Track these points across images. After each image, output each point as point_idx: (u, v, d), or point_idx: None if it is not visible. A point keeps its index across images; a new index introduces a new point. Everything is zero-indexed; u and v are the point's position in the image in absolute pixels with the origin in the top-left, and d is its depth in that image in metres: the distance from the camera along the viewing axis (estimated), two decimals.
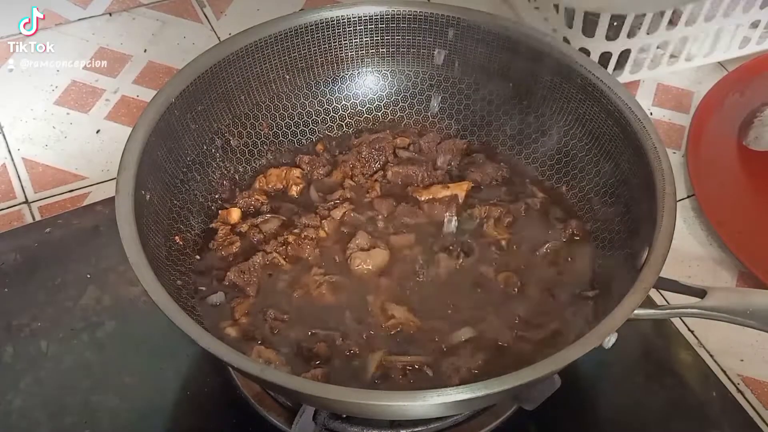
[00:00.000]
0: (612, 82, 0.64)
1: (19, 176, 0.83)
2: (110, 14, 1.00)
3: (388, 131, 0.73)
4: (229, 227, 0.65)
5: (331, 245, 0.65)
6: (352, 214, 0.67)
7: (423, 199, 0.68)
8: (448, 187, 0.69)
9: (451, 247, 0.64)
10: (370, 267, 0.63)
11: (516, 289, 0.62)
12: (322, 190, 0.69)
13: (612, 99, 0.63)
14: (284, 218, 0.66)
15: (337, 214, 0.66)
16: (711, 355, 0.72)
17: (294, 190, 0.69)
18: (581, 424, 0.66)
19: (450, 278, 0.63)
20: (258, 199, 0.68)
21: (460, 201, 0.68)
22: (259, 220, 0.66)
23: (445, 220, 0.66)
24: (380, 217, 0.67)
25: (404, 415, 0.58)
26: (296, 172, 0.70)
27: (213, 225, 0.66)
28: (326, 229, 0.65)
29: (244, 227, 0.65)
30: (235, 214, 0.66)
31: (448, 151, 0.72)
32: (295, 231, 0.65)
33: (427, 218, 0.67)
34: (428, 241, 0.65)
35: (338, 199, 0.68)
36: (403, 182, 0.70)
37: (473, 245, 0.65)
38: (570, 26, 0.86)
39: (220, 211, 0.66)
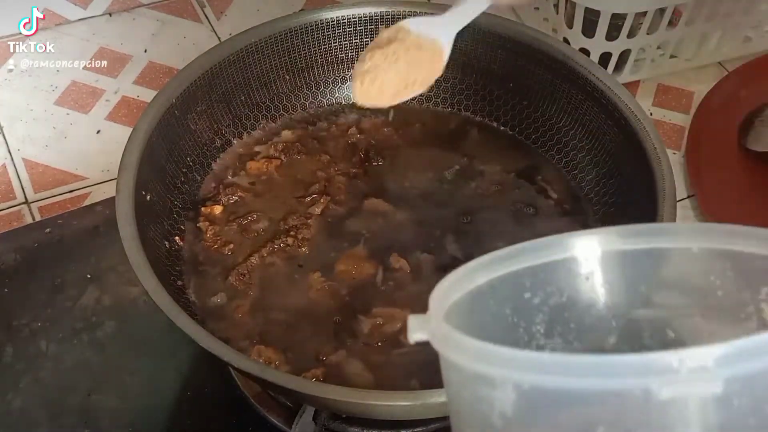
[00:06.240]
0: (612, 82, 0.64)
1: (19, 176, 0.83)
2: (110, 14, 1.00)
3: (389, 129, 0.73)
4: (217, 227, 0.65)
5: (325, 242, 0.64)
6: (331, 207, 0.66)
7: None
8: None
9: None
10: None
11: None
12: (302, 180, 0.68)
13: (612, 99, 0.63)
14: (274, 217, 0.65)
15: (318, 209, 0.65)
16: None
17: (276, 183, 0.68)
18: None
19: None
20: (241, 196, 0.66)
21: None
22: (249, 219, 0.65)
23: None
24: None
25: (404, 415, 0.58)
26: (276, 162, 0.69)
27: (199, 224, 0.64)
28: (314, 226, 0.64)
29: (233, 226, 0.65)
30: (217, 210, 0.66)
31: None
32: (291, 233, 0.64)
33: None
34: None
35: (316, 194, 0.67)
36: None
37: None
38: (570, 26, 0.86)
39: (202, 209, 0.65)
